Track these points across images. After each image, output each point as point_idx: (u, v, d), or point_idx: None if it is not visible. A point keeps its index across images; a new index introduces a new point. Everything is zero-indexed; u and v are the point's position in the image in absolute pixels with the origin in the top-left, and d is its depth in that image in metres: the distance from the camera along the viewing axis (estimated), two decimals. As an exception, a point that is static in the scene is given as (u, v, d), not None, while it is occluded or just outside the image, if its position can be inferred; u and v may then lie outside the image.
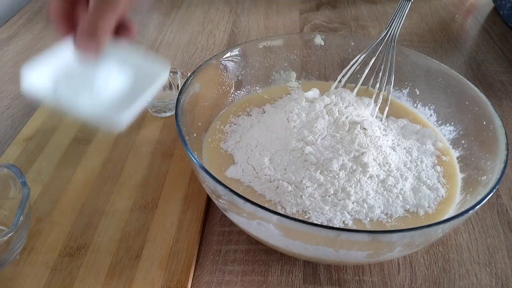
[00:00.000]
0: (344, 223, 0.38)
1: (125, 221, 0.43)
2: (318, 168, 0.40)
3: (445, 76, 0.49)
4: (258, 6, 0.89)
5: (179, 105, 0.41)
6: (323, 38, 0.55)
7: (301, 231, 0.33)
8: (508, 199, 0.48)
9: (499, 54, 0.74)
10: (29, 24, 0.80)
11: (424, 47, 0.76)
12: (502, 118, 0.41)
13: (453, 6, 0.91)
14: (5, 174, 0.40)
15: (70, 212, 0.44)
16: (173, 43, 0.75)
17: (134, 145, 0.52)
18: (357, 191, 0.39)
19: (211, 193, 0.38)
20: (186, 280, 0.38)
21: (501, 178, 0.36)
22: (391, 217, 0.39)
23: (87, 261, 0.39)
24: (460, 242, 0.43)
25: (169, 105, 0.54)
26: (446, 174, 0.43)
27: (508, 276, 0.40)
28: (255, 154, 0.43)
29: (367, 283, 0.39)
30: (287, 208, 0.39)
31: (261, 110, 0.50)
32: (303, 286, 0.39)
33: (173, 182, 0.47)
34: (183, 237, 0.41)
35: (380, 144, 0.42)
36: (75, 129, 0.53)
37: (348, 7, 0.87)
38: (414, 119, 0.50)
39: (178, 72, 0.58)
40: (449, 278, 0.40)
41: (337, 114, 0.44)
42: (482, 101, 0.44)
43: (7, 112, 0.58)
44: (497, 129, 0.41)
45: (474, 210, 0.33)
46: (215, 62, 0.49)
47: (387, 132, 0.45)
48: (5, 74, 0.66)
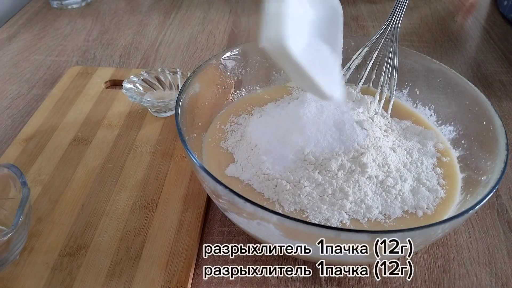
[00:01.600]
0: (341, 222, 0.38)
1: (125, 221, 0.43)
2: (316, 167, 0.40)
3: (445, 76, 0.49)
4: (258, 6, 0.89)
5: (179, 105, 0.41)
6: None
7: (301, 231, 0.33)
8: (508, 199, 0.48)
9: (499, 54, 0.74)
10: (29, 24, 0.80)
11: (424, 47, 0.76)
12: (502, 118, 0.41)
13: (453, 6, 0.91)
14: (5, 174, 0.40)
15: (70, 212, 0.44)
16: (173, 43, 0.75)
17: (134, 145, 0.52)
18: (355, 191, 0.39)
19: (211, 193, 0.38)
20: (186, 280, 0.38)
21: (501, 178, 0.36)
22: (389, 217, 0.39)
23: (87, 261, 0.39)
24: (460, 242, 0.43)
25: (169, 105, 0.54)
26: (446, 174, 0.43)
27: (508, 276, 0.40)
28: (255, 152, 0.43)
29: (367, 283, 0.39)
30: (285, 207, 0.39)
31: (263, 109, 0.50)
32: (303, 286, 0.39)
33: (173, 182, 0.47)
34: (183, 237, 0.41)
35: (380, 145, 0.42)
36: (75, 129, 0.54)
37: (348, 7, 0.87)
38: (416, 120, 0.50)
39: (178, 72, 0.58)
40: (449, 278, 0.40)
41: (338, 113, 0.44)
42: (482, 101, 0.44)
43: (7, 112, 0.58)
44: (497, 129, 0.41)
45: (474, 210, 0.33)
46: (215, 62, 0.49)
47: (388, 133, 0.45)
48: (5, 74, 0.66)
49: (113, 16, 0.84)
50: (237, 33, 0.79)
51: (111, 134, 0.53)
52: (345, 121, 0.43)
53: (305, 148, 0.41)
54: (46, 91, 0.62)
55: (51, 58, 0.70)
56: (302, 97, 0.46)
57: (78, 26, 0.80)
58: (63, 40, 0.76)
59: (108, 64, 0.69)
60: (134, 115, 0.56)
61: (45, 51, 0.72)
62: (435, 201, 0.40)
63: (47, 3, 0.87)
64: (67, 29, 0.79)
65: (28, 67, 0.68)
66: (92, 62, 0.69)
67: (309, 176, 0.39)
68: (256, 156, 0.42)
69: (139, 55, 0.72)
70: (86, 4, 0.88)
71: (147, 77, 0.57)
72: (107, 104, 0.58)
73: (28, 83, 0.64)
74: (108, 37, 0.77)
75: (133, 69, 0.66)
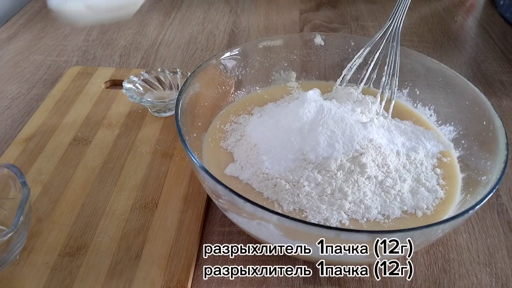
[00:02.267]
0: (341, 222, 0.38)
1: (125, 221, 0.43)
2: (316, 167, 0.40)
3: (445, 76, 0.49)
4: (258, 6, 0.89)
5: (179, 105, 0.41)
6: (323, 38, 0.55)
7: (301, 231, 0.33)
8: (508, 199, 0.48)
9: (499, 54, 0.74)
10: (29, 24, 0.80)
11: (424, 47, 0.76)
12: (502, 118, 0.41)
13: (453, 6, 0.91)
14: (5, 174, 0.40)
15: (70, 212, 0.44)
16: (173, 43, 0.75)
17: (134, 145, 0.52)
18: (354, 191, 0.39)
19: (211, 193, 0.38)
20: (186, 280, 0.38)
21: (501, 178, 0.36)
22: (388, 218, 0.39)
23: (87, 261, 0.39)
24: (460, 242, 0.43)
25: (169, 105, 0.54)
26: (446, 175, 0.43)
27: (508, 276, 0.40)
28: (254, 152, 0.43)
29: (367, 283, 0.39)
30: (284, 206, 0.39)
31: (263, 109, 0.50)
32: (303, 286, 0.39)
33: (173, 182, 0.47)
34: (183, 237, 0.41)
35: (380, 145, 0.42)
36: (75, 129, 0.54)
37: (348, 7, 0.87)
38: (416, 120, 0.50)
39: (178, 72, 0.58)
40: (449, 278, 0.40)
41: (338, 113, 0.44)
42: (482, 101, 0.44)
43: (7, 112, 0.58)
44: (497, 129, 0.41)
45: (474, 210, 0.33)
46: (215, 62, 0.49)
47: (388, 134, 0.45)
48: (5, 74, 0.66)
49: (113, 16, 0.84)
50: (237, 33, 0.79)
51: (111, 134, 0.53)
52: (345, 121, 0.43)
53: (304, 148, 0.41)
54: (46, 91, 0.62)
55: (51, 58, 0.70)
56: (302, 97, 0.46)
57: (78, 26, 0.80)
58: (63, 40, 0.76)
59: (108, 64, 0.69)
60: (134, 115, 0.56)
61: (45, 51, 0.72)
62: (434, 201, 0.40)
63: (47, 3, 0.87)
64: (67, 29, 0.79)
65: (28, 67, 0.68)
66: (92, 62, 0.69)
67: (308, 176, 0.39)
68: (256, 156, 0.42)
69: (139, 55, 0.72)
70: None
71: (147, 77, 0.57)
72: (107, 104, 0.58)
73: (28, 83, 0.64)
74: (108, 37, 0.77)
75: (133, 69, 0.66)
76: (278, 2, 0.91)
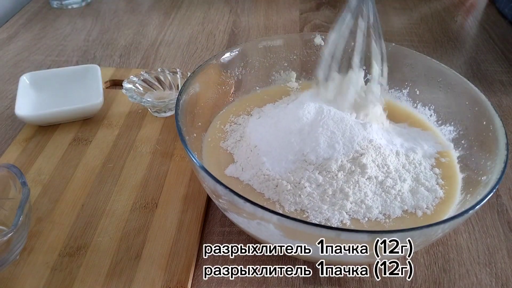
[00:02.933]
0: (342, 222, 0.38)
1: (125, 221, 0.43)
2: (316, 168, 0.40)
3: (445, 76, 0.49)
4: (258, 6, 0.89)
5: (179, 105, 0.41)
6: (323, 38, 0.55)
7: (302, 231, 0.33)
8: (508, 199, 0.48)
9: (499, 54, 0.74)
10: (29, 24, 0.80)
11: (424, 47, 0.76)
12: (502, 118, 0.41)
13: (453, 6, 0.91)
14: (5, 174, 0.40)
15: (70, 212, 0.44)
16: (173, 43, 0.75)
17: (134, 145, 0.52)
18: (355, 192, 0.39)
19: (211, 193, 0.38)
20: (186, 280, 0.38)
21: (501, 178, 0.36)
22: (389, 217, 0.39)
23: (87, 261, 0.39)
24: (460, 242, 0.43)
25: (169, 105, 0.54)
26: (446, 175, 0.43)
27: (508, 276, 0.40)
28: (255, 153, 0.43)
29: (367, 283, 0.39)
30: (285, 207, 0.39)
31: (262, 110, 0.50)
32: (303, 286, 0.39)
33: (173, 182, 0.47)
34: (183, 237, 0.41)
35: (379, 145, 0.42)
36: (75, 129, 0.54)
37: (348, 7, 0.87)
38: (414, 121, 0.50)
39: (178, 72, 0.58)
40: (449, 278, 0.40)
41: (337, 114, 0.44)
42: (482, 101, 0.44)
43: (7, 112, 0.58)
44: (497, 129, 0.41)
45: (474, 210, 0.33)
46: (215, 62, 0.49)
47: (388, 134, 0.45)
48: (5, 74, 0.66)
49: (113, 16, 0.84)
50: (237, 33, 0.79)
51: (111, 134, 0.53)
52: (344, 122, 0.43)
53: (304, 149, 0.41)
54: (46, 91, 0.62)
55: (51, 58, 0.70)
56: (301, 98, 0.46)
57: (78, 26, 0.80)
58: (63, 40, 0.76)
59: (108, 64, 0.69)
60: (134, 115, 0.56)
61: (45, 51, 0.72)
62: (434, 201, 0.40)
63: (47, 3, 0.87)
64: (67, 29, 0.79)
65: (28, 67, 0.68)
66: (92, 62, 0.69)
67: (309, 177, 0.40)
68: (256, 157, 0.42)
69: (139, 55, 0.72)
70: (86, 4, 0.88)
71: (147, 77, 0.57)
72: (107, 104, 0.58)
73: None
74: (108, 37, 0.77)
75: (133, 69, 0.66)
76: (278, 2, 0.91)
